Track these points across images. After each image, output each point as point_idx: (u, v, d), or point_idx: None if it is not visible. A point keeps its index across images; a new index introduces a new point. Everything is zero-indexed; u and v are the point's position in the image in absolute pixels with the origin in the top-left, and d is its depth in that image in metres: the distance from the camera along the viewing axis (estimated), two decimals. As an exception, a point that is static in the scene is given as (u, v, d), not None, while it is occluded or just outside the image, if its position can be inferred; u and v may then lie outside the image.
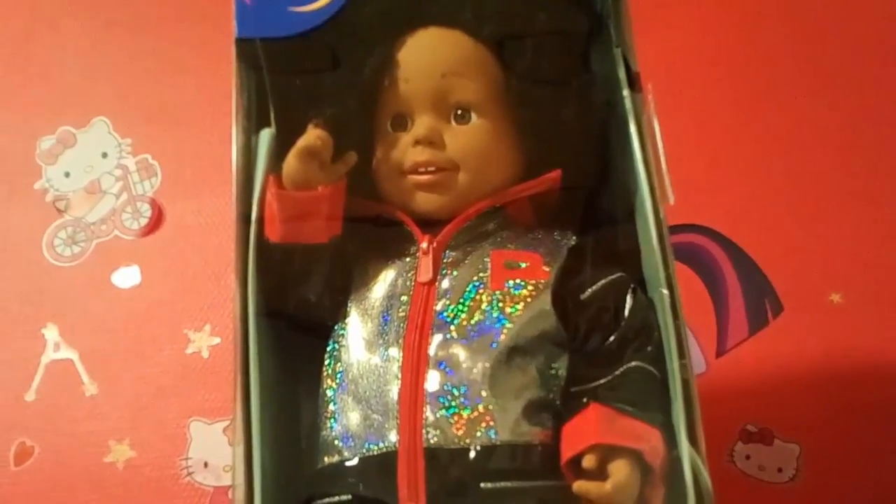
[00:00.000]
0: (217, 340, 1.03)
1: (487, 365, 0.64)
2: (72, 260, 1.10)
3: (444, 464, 0.62)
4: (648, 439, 0.61)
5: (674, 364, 0.64)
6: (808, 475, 0.93)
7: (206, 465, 0.99)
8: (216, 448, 0.98)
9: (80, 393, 1.03)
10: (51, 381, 1.04)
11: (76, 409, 1.02)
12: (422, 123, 0.70)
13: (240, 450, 0.65)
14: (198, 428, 1.00)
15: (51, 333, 1.06)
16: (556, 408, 0.65)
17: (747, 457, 0.95)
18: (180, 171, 1.14)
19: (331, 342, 0.69)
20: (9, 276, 1.10)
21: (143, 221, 1.11)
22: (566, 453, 0.62)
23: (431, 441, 0.62)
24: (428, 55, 0.71)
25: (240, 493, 0.64)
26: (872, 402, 0.96)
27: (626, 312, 0.66)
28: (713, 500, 0.61)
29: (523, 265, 0.68)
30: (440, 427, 0.62)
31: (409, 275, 0.68)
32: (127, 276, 1.08)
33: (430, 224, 0.70)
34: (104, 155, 1.16)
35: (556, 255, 0.69)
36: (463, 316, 0.66)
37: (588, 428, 0.62)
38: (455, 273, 0.68)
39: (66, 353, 1.05)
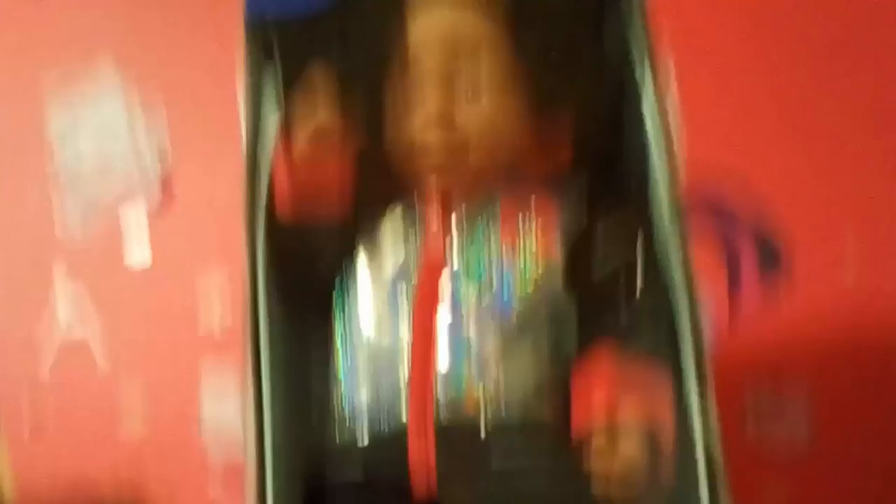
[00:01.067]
0: (228, 320, 1.03)
1: (498, 344, 0.64)
2: (84, 238, 1.10)
3: (455, 443, 0.62)
4: (661, 413, 0.61)
5: (686, 343, 0.64)
6: (818, 441, 0.93)
7: (218, 438, 0.99)
8: (228, 423, 0.98)
9: (93, 370, 1.04)
10: (64, 358, 1.05)
11: (89, 387, 1.03)
12: (433, 104, 0.69)
13: (251, 428, 0.65)
14: (210, 405, 1.01)
15: (63, 313, 1.07)
16: (566, 386, 0.64)
17: (758, 424, 0.95)
18: (190, 148, 1.13)
19: (340, 322, 0.69)
20: (19, 254, 1.10)
21: (155, 201, 1.11)
22: (577, 430, 0.61)
23: (442, 420, 0.62)
24: (439, 35, 0.70)
25: (251, 469, 0.64)
26: (886, 358, 0.95)
27: (638, 293, 0.66)
28: (723, 468, 0.61)
29: (534, 244, 0.68)
30: (451, 406, 0.62)
31: (419, 253, 0.68)
32: (138, 257, 1.08)
33: (441, 200, 0.70)
34: (117, 132, 1.16)
35: (568, 234, 0.69)
36: (473, 295, 0.66)
37: (599, 403, 0.61)
38: (465, 252, 0.68)
39: (80, 331, 1.06)
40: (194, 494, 0.98)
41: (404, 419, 0.63)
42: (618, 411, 0.60)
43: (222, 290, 1.05)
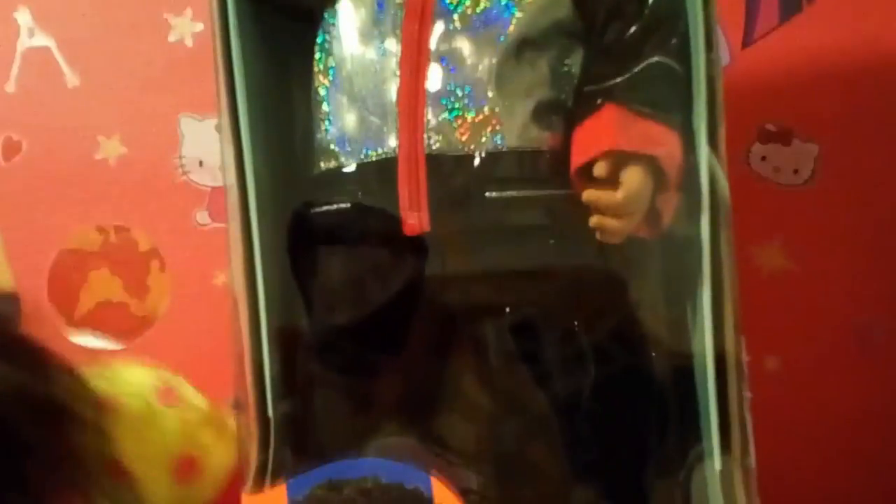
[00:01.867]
0: (200, 27, 0.96)
1: (494, 61, 0.58)
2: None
3: (446, 171, 0.58)
4: (665, 144, 0.57)
5: (699, 59, 0.58)
6: (824, 177, 0.90)
7: (200, 163, 0.96)
8: (210, 146, 0.94)
9: (62, 84, 0.98)
10: (30, 71, 0.99)
11: (60, 102, 0.98)
12: None
13: (229, 150, 0.62)
14: (189, 124, 0.96)
15: (23, 17, 0.99)
16: (567, 109, 0.60)
17: (763, 158, 0.92)
18: None
19: (320, 32, 0.63)
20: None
21: None
22: (577, 160, 0.58)
23: (433, 147, 0.58)
24: None
25: (233, 195, 0.62)
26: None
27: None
28: (729, 208, 0.59)
29: None
30: (443, 132, 0.58)
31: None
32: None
33: None
34: None
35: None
36: (467, 2, 0.59)
37: (602, 131, 0.57)
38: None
39: (42, 40, 0.99)
40: (180, 220, 0.96)
41: (393, 144, 0.59)
42: (623, 137, 0.56)
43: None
